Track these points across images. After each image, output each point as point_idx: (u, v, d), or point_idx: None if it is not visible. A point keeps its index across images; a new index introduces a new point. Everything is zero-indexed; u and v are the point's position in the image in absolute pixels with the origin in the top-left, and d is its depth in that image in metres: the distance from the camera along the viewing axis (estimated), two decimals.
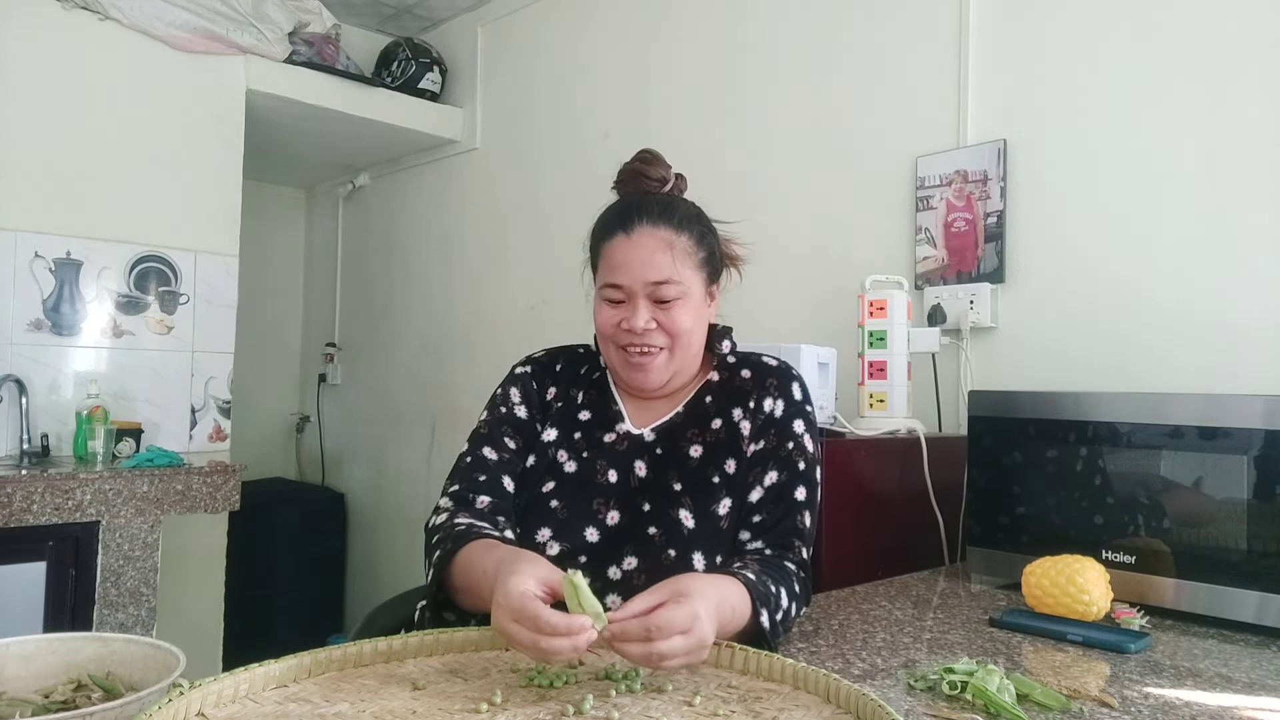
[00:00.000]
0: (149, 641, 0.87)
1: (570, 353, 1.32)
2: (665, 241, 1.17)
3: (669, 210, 1.20)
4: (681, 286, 1.16)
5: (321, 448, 4.16)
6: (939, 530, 1.64)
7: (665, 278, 1.15)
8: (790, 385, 1.22)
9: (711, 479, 1.16)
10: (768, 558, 1.11)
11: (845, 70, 2.25)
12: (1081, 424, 1.37)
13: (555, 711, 0.77)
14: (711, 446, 1.18)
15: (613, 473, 1.18)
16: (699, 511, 1.13)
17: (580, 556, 1.11)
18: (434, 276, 3.62)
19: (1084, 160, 1.81)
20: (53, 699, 0.82)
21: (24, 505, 2.06)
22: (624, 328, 1.17)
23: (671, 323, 1.16)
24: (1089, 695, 0.90)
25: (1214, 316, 1.62)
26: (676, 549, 1.11)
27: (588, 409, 1.24)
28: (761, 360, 1.26)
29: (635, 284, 1.16)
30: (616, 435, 1.21)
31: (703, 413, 1.22)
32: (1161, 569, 1.27)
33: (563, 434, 1.22)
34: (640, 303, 1.16)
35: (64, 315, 2.62)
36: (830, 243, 2.24)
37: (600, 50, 2.96)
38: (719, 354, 1.27)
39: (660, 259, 1.16)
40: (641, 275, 1.16)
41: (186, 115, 2.82)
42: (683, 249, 1.18)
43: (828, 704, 0.79)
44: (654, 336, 1.17)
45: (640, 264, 1.16)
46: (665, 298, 1.16)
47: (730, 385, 1.23)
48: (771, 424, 1.19)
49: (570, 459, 1.19)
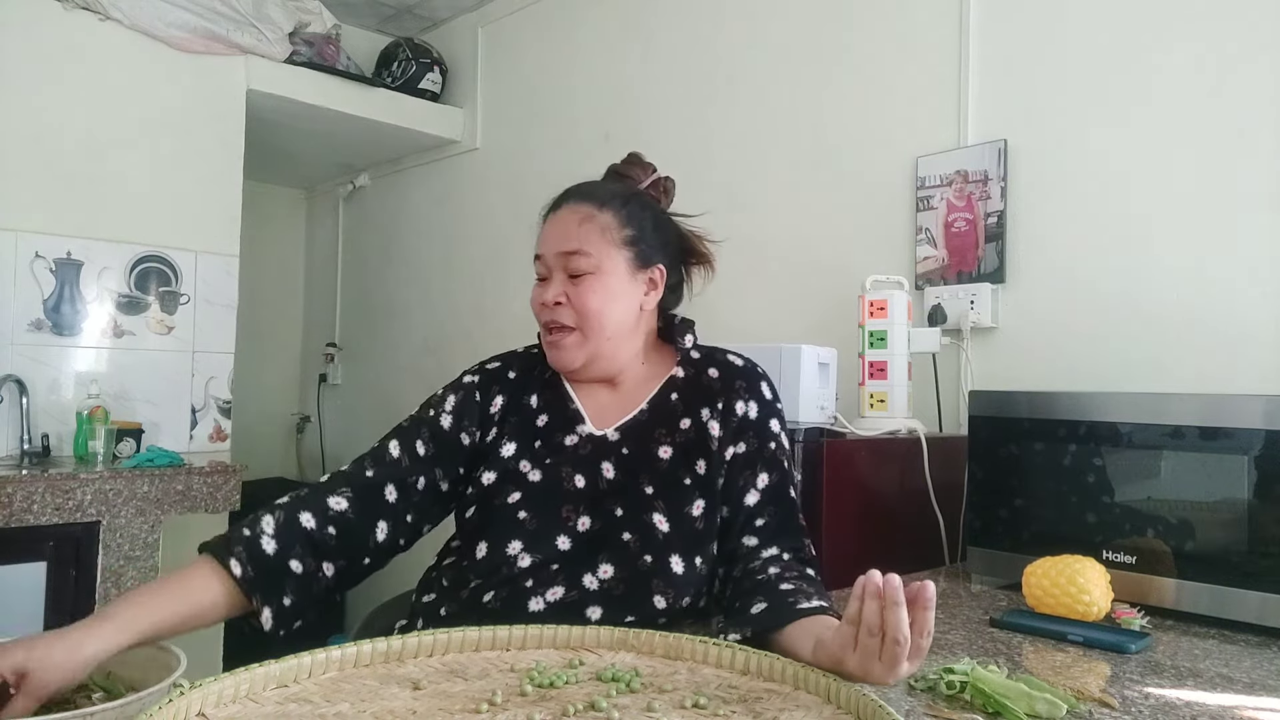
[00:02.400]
0: None
1: (524, 356, 1.29)
2: (583, 215, 1.18)
3: (596, 189, 1.22)
4: (592, 260, 1.16)
5: (322, 448, 4.16)
6: (939, 530, 1.64)
7: (575, 248, 1.16)
8: (759, 385, 1.21)
9: (683, 480, 1.14)
10: (789, 564, 1.08)
11: (846, 70, 2.25)
12: (1082, 424, 1.37)
13: (555, 711, 0.77)
14: (682, 447, 1.17)
15: (579, 477, 1.15)
16: (672, 514, 1.11)
17: (553, 566, 1.09)
18: (434, 276, 3.62)
19: (1084, 160, 1.81)
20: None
21: (24, 505, 2.06)
22: (540, 301, 1.18)
23: (579, 298, 1.16)
24: (1089, 695, 0.90)
25: (1214, 316, 1.62)
26: (653, 554, 1.09)
27: (544, 412, 1.21)
28: (728, 359, 1.24)
29: (550, 255, 1.18)
30: (579, 438, 1.18)
31: (670, 411, 1.20)
32: (1162, 569, 1.27)
33: (522, 445, 1.18)
34: (556, 275, 1.17)
35: (64, 315, 2.62)
36: (830, 243, 2.24)
37: (600, 50, 2.96)
38: (682, 349, 1.25)
39: (573, 230, 1.17)
40: (554, 245, 1.17)
41: (186, 115, 2.82)
42: (602, 224, 1.17)
43: (828, 704, 0.79)
44: (562, 313, 1.16)
45: (555, 236, 1.18)
46: (576, 270, 1.16)
47: (697, 384, 1.21)
48: (748, 426, 1.18)
49: (534, 468, 1.16)
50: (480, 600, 1.09)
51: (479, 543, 1.12)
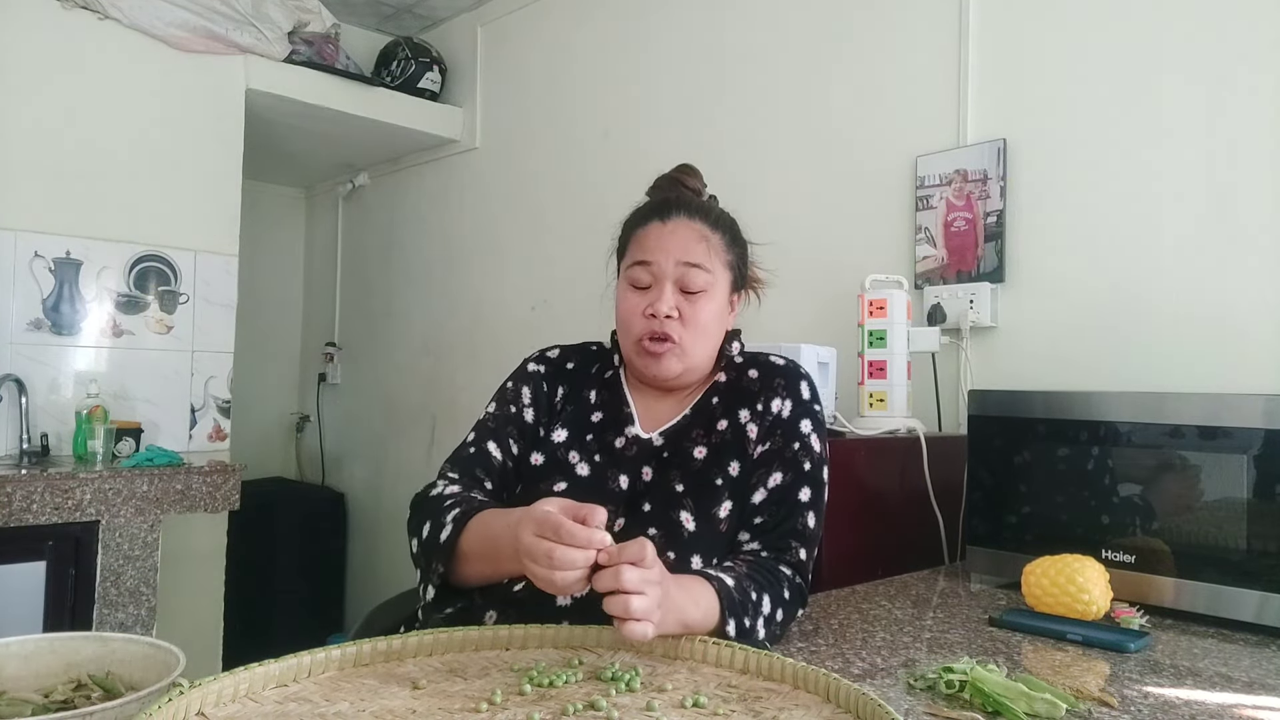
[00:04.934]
0: (149, 641, 0.87)
1: (583, 351, 1.31)
2: (700, 233, 1.19)
3: (706, 208, 1.23)
4: (711, 277, 1.18)
5: (321, 448, 4.16)
6: (939, 530, 1.64)
7: (698, 261, 1.17)
8: (798, 385, 1.22)
9: (714, 481, 1.15)
10: (761, 560, 1.10)
11: (845, 69, 2.25)
12: (1081, 423, 1.37)
13: (555, 711, 0.77)
14: (716, 448, 1.18)
15: (623, 478, 1.17)
16: (700, 514, 1.13)
17: None
18: (434, 276, 3.62)
19: (1084, 160, 1.81)
20: (53, 699, 0.82)
21: (24, 505, 2.06)
22: (647, 313, 1.17)
23: (694, 314, 1.17)
24: (1089, 695, 0.90)
25: (1214, 316, 1.62)
26: (676, 551, 1.10)
27: (600, 410, 1.24)
28: (769, 360, 1.25)
29: (667, 263, 1.17)
30: (626, 440, 1.20)
31: (709, 414, 1.22)
32: (1161, 568, 1.27)
33: (574, 435, 1.21)
34: (668, 286, 1.17)
35: (64, 315, 2.62)
36: (830, 242, 2.24)
37: (599, 50, 2.96)
38: (728, 355, 1.27)
39: (695, 246, 1.18)
40: (675, 255, 1.17)
41: (186, 115, 2.82)
42: (716, 244, 1.20)
43: (828, 703, 0.79)
44: (673, 326, 1.16)
45: (675, 246, 1.17)
46: (693, 286, 1.17)
47: (737, 386, 1.23)
48: (779, 425, 1.19)
49: (582, 461, 1.19)
50: (511, 588, 1.10)
51: None
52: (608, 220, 1.31)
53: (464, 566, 1.06)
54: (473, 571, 1.06)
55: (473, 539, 1.04)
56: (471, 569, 1.06)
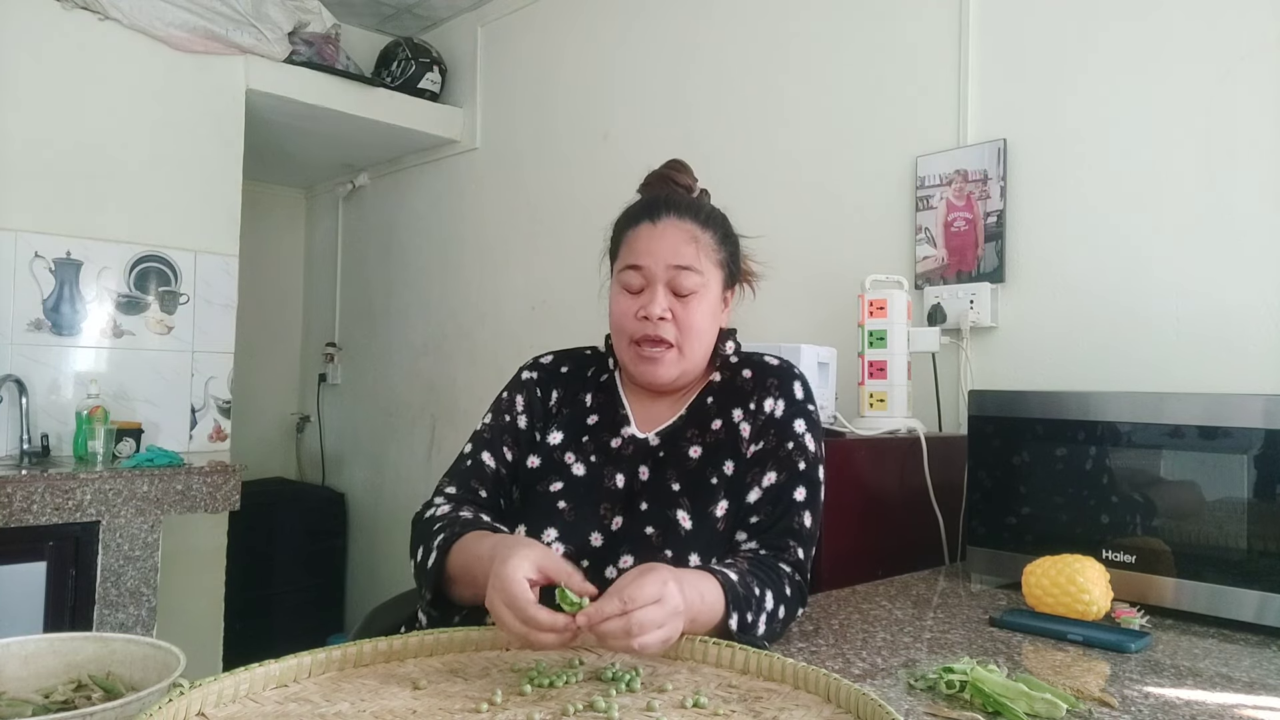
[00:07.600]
0: (149, 641, 0.87)
1: (577, 356, 1.32)
2: (690, 233, 1.18)
3: (695, 206, 1.22)
4: (702, 278, 1.18)
5: (321, 448, 4.16)
6: (939, 530, 1.64)
7: (688, 264, 1.16)
8: (791, 384, 1.22)
9: (710, 480, 1.16)
10: (761, 557, 1.10)
11: (845, 69, 2.25)
12: (1081, 423, 1.37)
13: (555, 711, 0.77)
14: (711, 448, 1.18)
15: (620, 477, 1.17)
16: (696, 513, 1.13)
17: (583, 561, 1.11)
18: (434, 276, 3.62)
19: (1084, 160, 1.81)
20: (53, 699, 0.82)
21: (24, 505, 2.06)
22: (640, 316, 1.17)
23: (687, 316, 1.17)
24: (1089, 695, 0.90)
25: (1214, 316, 1.62)
26: (673, 550, 1.10)
27: (596, 412, 1.24)
28: (763, 360, 1.26)
29: (657, 267, 1.17)
30: (622, 440, 1.21)
31: (704, 413, 1.22)
32: (1162, 568, 1.27)
33: (569, 437, 1.22)
34: (659, 289, 1.17)
35: (64, 315, 2.62)
36: (830, 242, 2.24)
37: (600, 50, 2.96)
38: (722, 355, 1.27)
39: (685, 248, 1.17)
40: (665, 258, 1.16)
41: (186, 115, 2.82)
42: (706, 244, 1.19)
43: (828, 703, 0.79)
44: (666, 329, 1.17)
45: (665, 249, 1.17)
46: (684, 289, 1.17)
47: (732, 385, 1.23)
48: (772, 424, 1.19)
49: (578, 461, 1.19)
50: None
51: (517, 525, 1.16)
52: (608, 220, 1.31)
53: (453, 590, 1.07)
54: (462, 594, 1.07)
55: (456, 565, 1.05)
56: (461, 592, 1.07)
